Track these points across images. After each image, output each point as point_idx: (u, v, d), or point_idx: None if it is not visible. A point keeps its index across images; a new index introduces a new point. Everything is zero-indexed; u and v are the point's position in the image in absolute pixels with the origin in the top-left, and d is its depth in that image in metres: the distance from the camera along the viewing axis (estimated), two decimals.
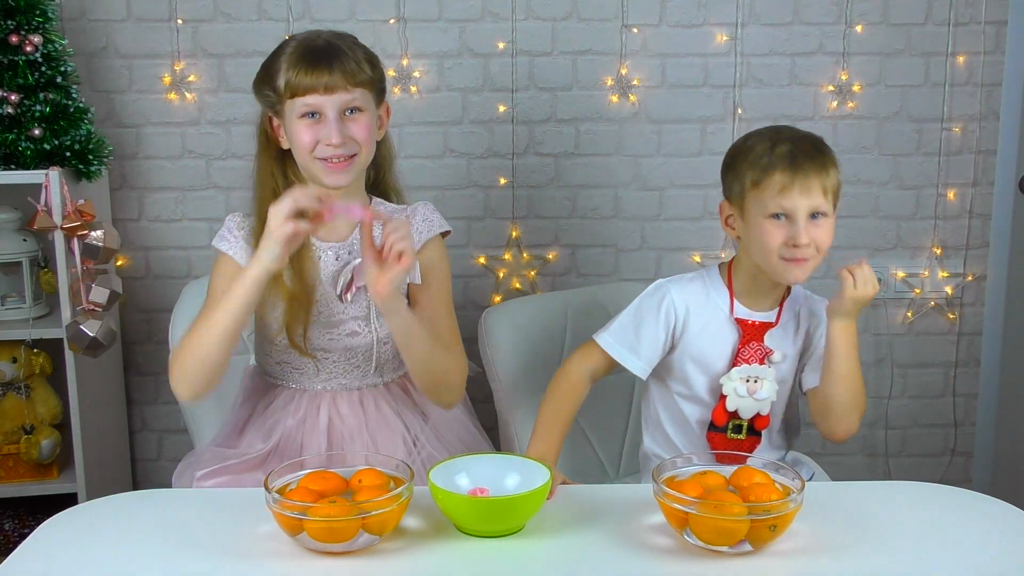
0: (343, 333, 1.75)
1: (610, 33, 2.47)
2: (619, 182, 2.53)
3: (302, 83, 1.63)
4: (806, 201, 1.59)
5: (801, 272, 1.62)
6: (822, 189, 1.60)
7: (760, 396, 1.67)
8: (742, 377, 1.66)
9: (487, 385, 2.00)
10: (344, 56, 1.66)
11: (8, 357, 2.35)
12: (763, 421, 1.69)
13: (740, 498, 1.33)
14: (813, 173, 1.59)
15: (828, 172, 1.61)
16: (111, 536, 1.38)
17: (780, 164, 1.59)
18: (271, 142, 1.73)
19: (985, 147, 2.54)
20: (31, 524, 2.34)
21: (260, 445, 1.74)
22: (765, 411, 1.69)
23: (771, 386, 1.67)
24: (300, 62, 1.64)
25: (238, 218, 1.74)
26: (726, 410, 1.68)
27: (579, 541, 1.36)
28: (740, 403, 1.67)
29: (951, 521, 1.42)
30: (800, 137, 1.64)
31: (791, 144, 1.61)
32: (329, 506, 1.29)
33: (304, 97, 1.64)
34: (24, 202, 2.21)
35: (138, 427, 2.62)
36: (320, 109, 1.64)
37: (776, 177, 1.59)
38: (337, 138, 1.64)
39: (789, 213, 1.59)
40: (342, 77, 1.64)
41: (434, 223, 1.78)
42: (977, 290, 2.61)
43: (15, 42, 2.13)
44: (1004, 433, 2.62)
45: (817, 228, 1.60)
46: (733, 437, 1.70)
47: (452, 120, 2.49)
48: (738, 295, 1.69)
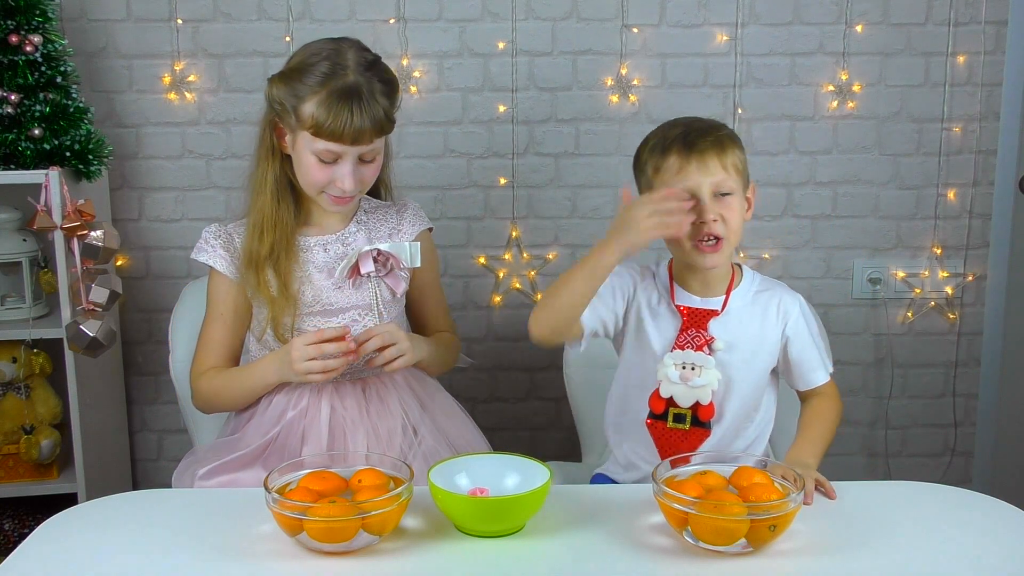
0: (343, 321, 1.78)
1: (610, 33, 2.47)
2: (619, 182, 2.53)
3: (332, 129, 1.63)
4: (706, 178, 1.59)
5: (715, 257, 1.61)
6: (721, 166, 1.60)
7: (695, 383, 1.62)
8: (676, 363, 1.63)
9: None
10: (375, 104, 1.65)
11: (8, 357, 2.35)
12: (706, 411, 1.64)
13: (740, 498, 1.33)
14: (709, 150, 1.59)
15: (725, 149, 1.61)
16: (111, 536, 1.38)
17: (674, 146, 1.61)
18: (273, 145, 1.74)
19: (985, 147, 2.54)
20: (31, 524, 2.34)
21: (262, 438, 1.76)
22: (705, 400, 1.63)
23: (711, 374, 1.62)
24: (332, 106, 1.63)
25: (215, 228, 1.80)
26: (661, 397, 1.65)
27: (579, 541, 1.36)
28: (674, 389, 1.63)
29: (951, 521, 1.42)
30: (694, 120, 1.66)
31: (684, 127, 1.63)
32: (329, 506, 1.29)
33: (328, 142, 1.65)
34: (24, 202, 2.21)
35: (138, 427, 2.62)
36: (340, 155, 1.67)
37: (672, 159, 1.60)
38: (351, 185, 1.68)
39: (692, 193, 1.59)
40: (370, 130, 1.65)
41: (423, 217, 1.89)
42: (977, 290, 2.61)
43: (15, 42, 2.13)
44: (1004, 433, 2.62)
45: (723, 206, 1.60)
46: (675, 427, 1.65)
47: (452, 120, 2.49)
48: (683, 283, 1.68)
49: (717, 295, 1.68)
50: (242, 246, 1.76)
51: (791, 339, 1.69)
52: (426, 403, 1.85)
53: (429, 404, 1.86)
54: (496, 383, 2.59)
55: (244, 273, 1.75)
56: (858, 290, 2.60)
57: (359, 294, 1.79)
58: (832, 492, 1.49)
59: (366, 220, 1.84)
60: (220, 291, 1.79)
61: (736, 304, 1.67)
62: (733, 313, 1.67)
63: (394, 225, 1.85)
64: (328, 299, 1.77)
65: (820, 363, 1.71)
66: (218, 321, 1.79)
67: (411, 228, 1.85)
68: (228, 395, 1.79)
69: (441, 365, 1.92)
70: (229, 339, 1.80)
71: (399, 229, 1.85)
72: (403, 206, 1.88)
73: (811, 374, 1.70)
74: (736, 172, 1.62)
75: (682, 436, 1.65)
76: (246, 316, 1.81)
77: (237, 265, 1.76)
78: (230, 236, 1.78)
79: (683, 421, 1.65)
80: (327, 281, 1.77)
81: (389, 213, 1.87)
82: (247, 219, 1.77)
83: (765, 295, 1.70)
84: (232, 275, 1.76)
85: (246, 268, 1.75)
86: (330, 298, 1.78)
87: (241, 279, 1.76)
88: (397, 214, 1.87)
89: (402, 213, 1.87)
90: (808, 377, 1.71)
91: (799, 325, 1.69)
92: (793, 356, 1.69)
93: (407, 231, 1.85)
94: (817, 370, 1.71)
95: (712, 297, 1.67)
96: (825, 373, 1.71)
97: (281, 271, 1.74)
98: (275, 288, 1.73)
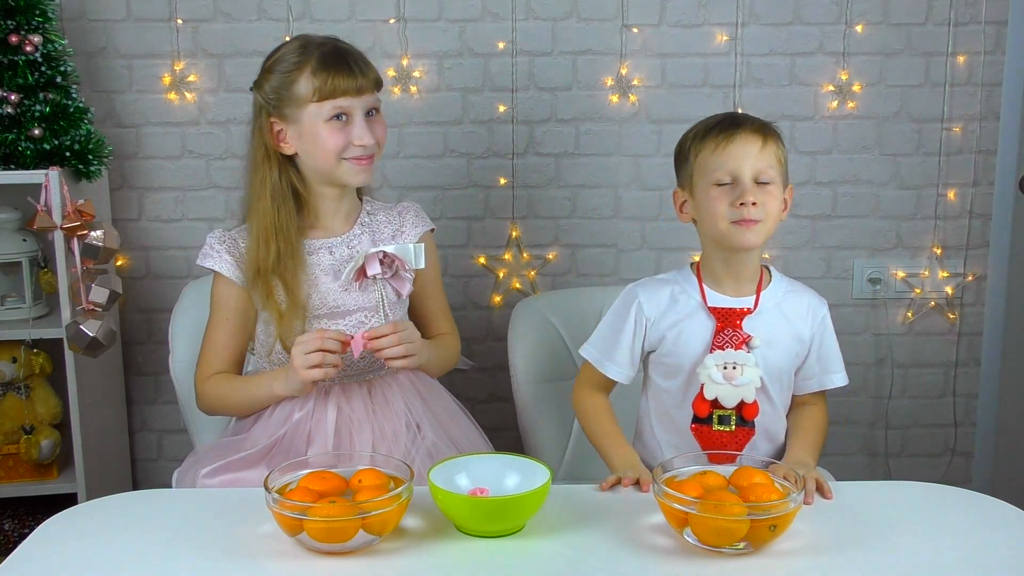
0: (351, 324, 1.79)
1: (610, 33, 2.47)
2: (619, 182, 2.53)
3: (338, 86, 1.70)
4: (748, 163, 1.60)
5: (753, 235, 1.60)
6: (764, 153, 1.61)
7: (739, 382, 1.62)
8: (718, 363, 1.62)
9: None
10: (363, 59, 1.76)
11: (8, 357, 2.35)
12: (751, 410, 1.64)
13: (740, 498, 1.33)
14: (752, 135, 1.62)
15: (768, 138, 1.63)
16: (111, 536, 1.38)
17: (718, 128, 1.64)
18: (269, 150, 1.75)
19: (985, 147, 2.54)
20: (31, 524, 2.34)
21: (268, 438, 1.76)
22: (750, 398, 1.63)
23: (753, 372, 1.62)
24: (329, 66, 1.71)
25: (218, 233, 1.81)
26: (705, 399, 1.64)
27: (579, 541, 1.36)
28: (718, 390, 1.63)
29: (951, 521, 1.42)
30: (740, 114, 1.71)
31: (729, 115, 1.67)
32: (329, 506, 1.29)
33: (336, 100, 1.71)
34: (24, 202, 2.21)
35: (138, 427, 2.62)
36: (349, 111, 1.73)
37: (714, 139, 1.63)
38: (369, 138, 1.74)
39: (733, 175, 1.60)
40: (369, 79, 1.74)
41: (425, 218, 1.91)
42: (977, 290, 2.61)
43: (15, 42, 2.13)
44: (1004, 433, 2.62)
45: (764, 193, 1.60)
46: (720, 429, 1.65)
47: (452, 120, 2.49)
48: (712, 284, 1.68)
49: (748, 295, 1.67)
50: (248, 255, 1.76)
51: (820, 338, 1.69)
52: (430, 403, 1.86)
53: (433, 404, 1.87)
54: (496, 383, 2.58)
55: (252, 283, 1.76)
56: (858, 290, 2.60)
57: (365, 296, 1.79)
58: (829, 492, 1.49)
59: (369, 223, 1.84)
60: (225, 295, 1.79)
61: (768, 303, 1.67)
62: (765, 312, 1.67)
63: (397, 227, 1.86)
64: (335, 302, 1.78)
65: (841, 366, 1.72)
66: (223, 325, 1.79)
67: (413, 229, 1.87)
68: (233, 403, 1.80)
69: (441, 368, 1.93)
70: (234, 342, 1.81)
71: (402, 231, 1.86)
72: (405, 208, 1.90)
73: (831, 375, 1.71)
74: (778, 163, 1.63)
75: (729, 437, 1.65)
76: (251, 320, 1.81)
77: (243, 269, 1.76)
78: (234, 241, 1.79)
79: (728, 423, 1.65)
80: (333, 284, 1.78)
81: (391, 215, 1.88)
82: (248, 225, 1.77)
83: (794, 295, 1.71)
84: (238, 279, 1.77)
85: (254, 278, 1.75)
86: (337, 301, 1.78)
87: (249, 287, 1.77)
88: (399, 216, 1.88)
89: (404, 215, 1.88)
90: (825, 379, 1.71)
91: (828, 324, 1.70)
92: (820, 355, 1.70)
93: (410, 233, 1.86)
94: (838, 372, 1.71)
95: (743, 297, 1.67)
96: (844, 376, 1.72)
97: (288, 279, 1.74)
98: (283, 302, 1.74)
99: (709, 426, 1.65)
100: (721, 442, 1.65)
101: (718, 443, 1.65)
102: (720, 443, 1.65)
